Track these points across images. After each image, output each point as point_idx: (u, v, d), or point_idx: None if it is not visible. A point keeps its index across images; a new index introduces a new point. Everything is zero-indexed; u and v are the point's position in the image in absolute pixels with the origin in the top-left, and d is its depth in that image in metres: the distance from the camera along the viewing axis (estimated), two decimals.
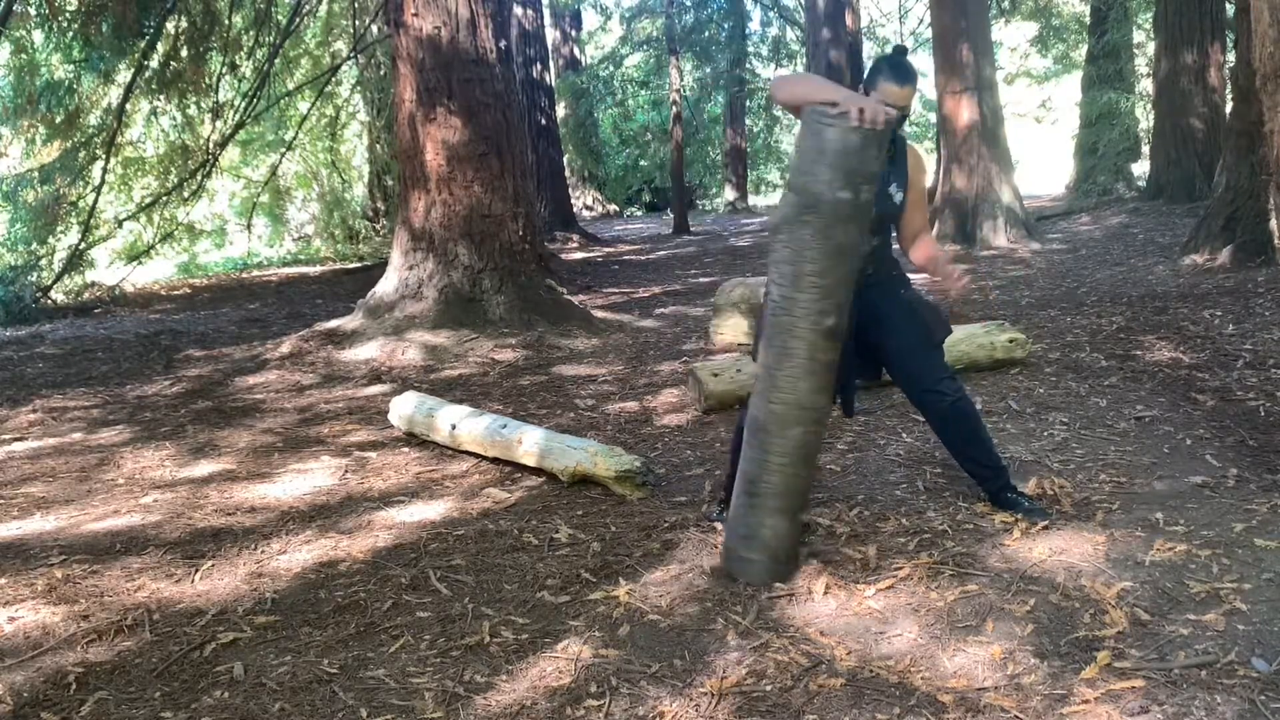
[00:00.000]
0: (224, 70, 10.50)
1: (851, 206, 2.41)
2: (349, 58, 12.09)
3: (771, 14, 22.36)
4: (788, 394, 2.52)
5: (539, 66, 15.78)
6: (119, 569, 3.00)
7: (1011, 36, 22.77)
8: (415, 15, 6.62)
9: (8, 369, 6.86)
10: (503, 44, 7.21)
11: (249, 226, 13.58)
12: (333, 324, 6.97)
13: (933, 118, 21.07)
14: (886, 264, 3.00)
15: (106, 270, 11.40)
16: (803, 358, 2.49)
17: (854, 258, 2.52)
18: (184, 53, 9.75)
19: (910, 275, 3.09)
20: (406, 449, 4.30)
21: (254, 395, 5.68)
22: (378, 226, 14.50)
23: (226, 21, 10.20)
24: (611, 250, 14.03)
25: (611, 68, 22.91)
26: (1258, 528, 2.74)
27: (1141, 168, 14.80)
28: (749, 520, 2.63)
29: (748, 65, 21.83)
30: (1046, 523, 2.87)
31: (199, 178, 10.95)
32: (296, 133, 13.07)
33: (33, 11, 9.12)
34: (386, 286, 6.94)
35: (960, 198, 10.89)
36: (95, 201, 10.08)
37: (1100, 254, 9.45)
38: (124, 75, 9.83)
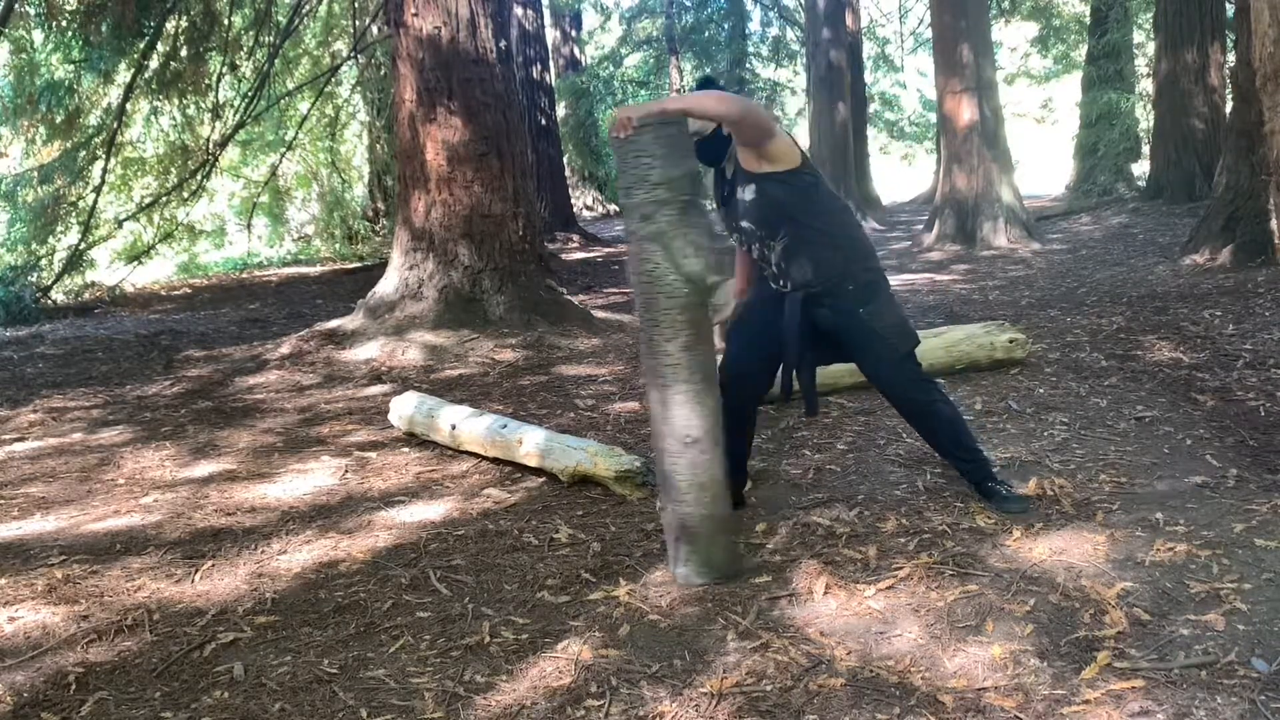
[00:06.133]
0: (224, 70, 10.48)
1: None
2: (349, 58, 12.07)
3: (771, 14, 22.38)
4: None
5: (539, 66, 15.77)
6: (119, 569, 3.00)
7: (1011, 36, 22.82)
8: (415, 15, 6.62)
9: (8, 369, 6.85)
10: (503, 44, 7.20)
11: (249, 226, 13.55)
12: (333, 324, 6.97)
13: (933, 118, 21.09)
14: (829, 274, 2.86)
15: (106, 270, 11.38)
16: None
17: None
18: (184, 53, 9.74)
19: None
20: (407, 449, 4.30)
21: (254, 395, 5.68)
22: (378, 226, 14.48)
23: (226, 22, 10.18)
24: (611, 250, 14.02)
25: (611, 68, 22.93)
26: (1258, 528, 2.74)
27: (1141, 168, 14.81)
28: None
29: (748, 65, 21.85)
30: (1030, 518, 2.91)
31: (199, 178, 10.93)
32: (296, 133, 13.05)
33: (32, 11, 9.11)
34: (386, 286, 6.94)
35: (960, 198, 10.90)
36: (95, 201, 10.05)
37: (1100, 254, 9.45)
38: (124, 75, 9.82)
